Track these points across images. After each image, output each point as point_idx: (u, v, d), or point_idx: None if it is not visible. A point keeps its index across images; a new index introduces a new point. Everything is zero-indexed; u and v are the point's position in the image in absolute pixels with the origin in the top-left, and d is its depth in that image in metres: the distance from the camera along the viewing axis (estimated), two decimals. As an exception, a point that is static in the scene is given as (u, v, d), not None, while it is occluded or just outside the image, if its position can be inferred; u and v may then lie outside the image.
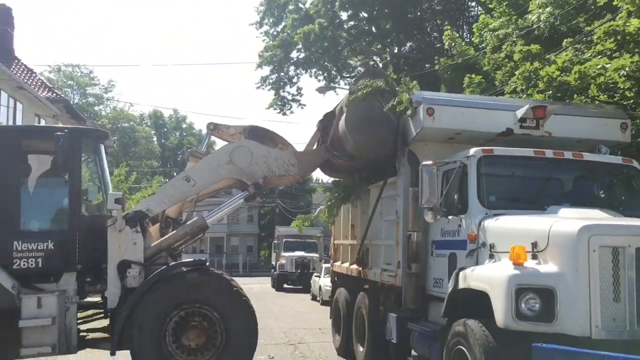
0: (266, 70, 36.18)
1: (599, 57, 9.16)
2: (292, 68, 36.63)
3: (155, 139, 78.57)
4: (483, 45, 17.72)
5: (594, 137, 8.11)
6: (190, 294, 8.19)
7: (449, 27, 23.67)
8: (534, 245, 5.75)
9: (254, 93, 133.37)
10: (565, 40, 12.65)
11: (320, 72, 36.44)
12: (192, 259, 9.48)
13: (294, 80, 37.16)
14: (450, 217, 7.34)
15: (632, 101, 8.58)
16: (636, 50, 8.36)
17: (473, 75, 15.82)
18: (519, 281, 5.48)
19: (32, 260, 7.93)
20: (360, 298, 10.23)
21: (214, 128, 10.41)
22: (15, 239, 7.92)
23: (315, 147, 10.37)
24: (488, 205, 6.87)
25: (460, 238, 7.06)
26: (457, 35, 21.21)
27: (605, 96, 8.96)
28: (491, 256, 6.37)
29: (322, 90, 25.41)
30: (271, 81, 36.69)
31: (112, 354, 8.32)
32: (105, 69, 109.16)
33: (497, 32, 16.50)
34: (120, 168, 42.04)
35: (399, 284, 8.31)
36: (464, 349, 6.02)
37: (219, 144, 11.45)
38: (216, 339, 8.18)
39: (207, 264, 9.18)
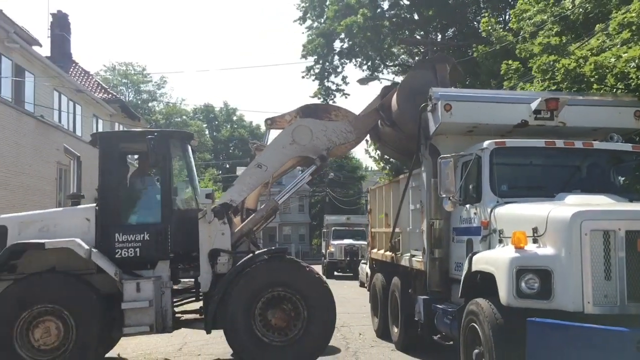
0: (311, 60, 36.92)
1: (619, 46, 9.45)
2: (336, 58, 37.20)
3: (207, 132, 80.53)
4: (521, 32, 17.87)
5: (608, 125, 8.47)
6: (276, 278, 8.96)
7: (487, 14, 23.76)
8: (535, 230, 6.28)
9: (299, 83, 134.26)
10: (597, 25, 12.85)
11: (364, 62, 36.88)
12: (274, 247, 10.44)
13: (339, 70, 37.78)
14: (467, 205, 7.92)
15: (645, 90, 8.87)
16: (650, 40, 8.65)
17: (510, 62, 16.01)
18: (519, 263, 6.04)
19: (131, 250, 8.96)
20: (394, 282, 10.86)
21: (271, 123, 11.21)
22: (117, 231, 8.98)
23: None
24: (500, 194, 7.42)
25: (476, 225, 7.64)
26: (495, 21, 21.33)
27: (623, 85, 9.27)
28: (500, 241, 6.93)
29: (363, 81, 25.91)
30: (316, 71, 37.35)
31: (208, 332, 9.29)
32: (157, 67, 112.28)
33: (533, 20, 16.65)
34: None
35: (425, 269, 8.93)
36: (476, 325, 6.60)
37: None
38: (292, 331, 8.90)
39: (288, 250, 10.05)
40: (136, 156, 11.03)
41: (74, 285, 8.55)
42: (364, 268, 25.71)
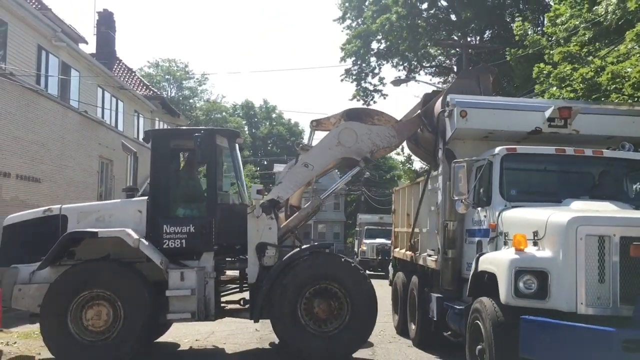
0: (349, 62, 37.41)
1: (638, 55, 9.61)
2: (373, 59, 37.59)
3: (246, 128, 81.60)
4: (553, 37, 17.90)
5: (621, 134, 8.67)
6: (323, 271, 9.51)
7: (521, 18, 23.73)
8: (535, 233, 6.59)
9: (337, 81, 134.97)
10: (627, 33, 12.94)
11: (401, 63, 37.14)
12: (320, 242, 11.02)
13: (376, 71, 38.14)
14: (478, 208, 8.25)
15: (659, 100, 9.02)
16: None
17: (542, 65, 16.11)
18: (518, 264, 6.38)
19: (177, 241, 9.55)
20: (413, 281, 11.21)
21: (317, 124, 11.67)
22: (165, 223, 9.59)
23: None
24: (509, 198, 7.73)
25: (485, 227, 7.97)
26: (528, 26, 21.36)
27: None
28: (505, 243, 7.25)
29: (396, 82, 26.23)
30: (354, 73, 37.78)
31: (256, 321, 9.91)
32: (199, 63, 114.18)
33: (565, 25, 16.73)
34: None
35: (439, 268, 9.27)
36: (479, 323, 6.93)
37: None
38: (329, 326, 9.43)
39: (333, 246, 10.59)
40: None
41: (132, 279, 9.13)
42: (394, 267, 26.08)
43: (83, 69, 23.01)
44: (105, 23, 31.65)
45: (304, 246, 10.05)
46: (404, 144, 11.99)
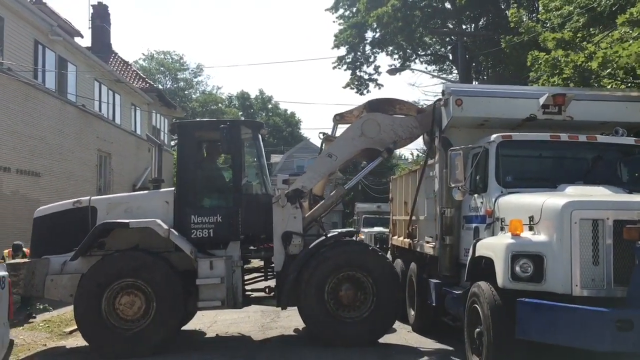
0: (343, 50, 37.34)
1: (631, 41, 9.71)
2: (367, 47, 37.53)
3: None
4: (547, 24, 17.94)
5: (614, 119, 8.81)
6: (349, 259, 9.74)
7: (515, 5, 23.77)
8: (531, 218, 6.75)
9: (334, 72, 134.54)
10: (620, 16, 13.03)
11: (396, 51, 37.12)
12: (345, 230, 11.30)
13: (370, 59, 38.09)
14: (475, 195, 8.40)
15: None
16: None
17: (536, 53, 16.15)
18: (514, 249, 6.53)
19: (205, 231, 9.79)
20: (412, 268, 11.36)
21: (340, 118, 11.85)
22: (193, 213, 9.81)
23: None
24: (505, 185, 7.88)
25: (481, 213, 8.11)
26: (523, 12, 21.40)
27: (631, 78, 9.55)
28: (502, 228, 7.40)
29: (392, 71, 26.32)
30: (348, 61, 37.74)
31: (283, 308, 10.13)
32: (194, 54, 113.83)
33: (559, 11, 16.77)
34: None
35: (437, 254, 9.43)
36: (477, 306, 7.09)
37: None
38: (356, 312, 9.67)
39: (357, 232, 10.85)
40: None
41: (165, 269, 9.30)
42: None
43: (79, 62, 23.03)
44: (100, 16, 31.59)
45: (330, 234, 10.24)
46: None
